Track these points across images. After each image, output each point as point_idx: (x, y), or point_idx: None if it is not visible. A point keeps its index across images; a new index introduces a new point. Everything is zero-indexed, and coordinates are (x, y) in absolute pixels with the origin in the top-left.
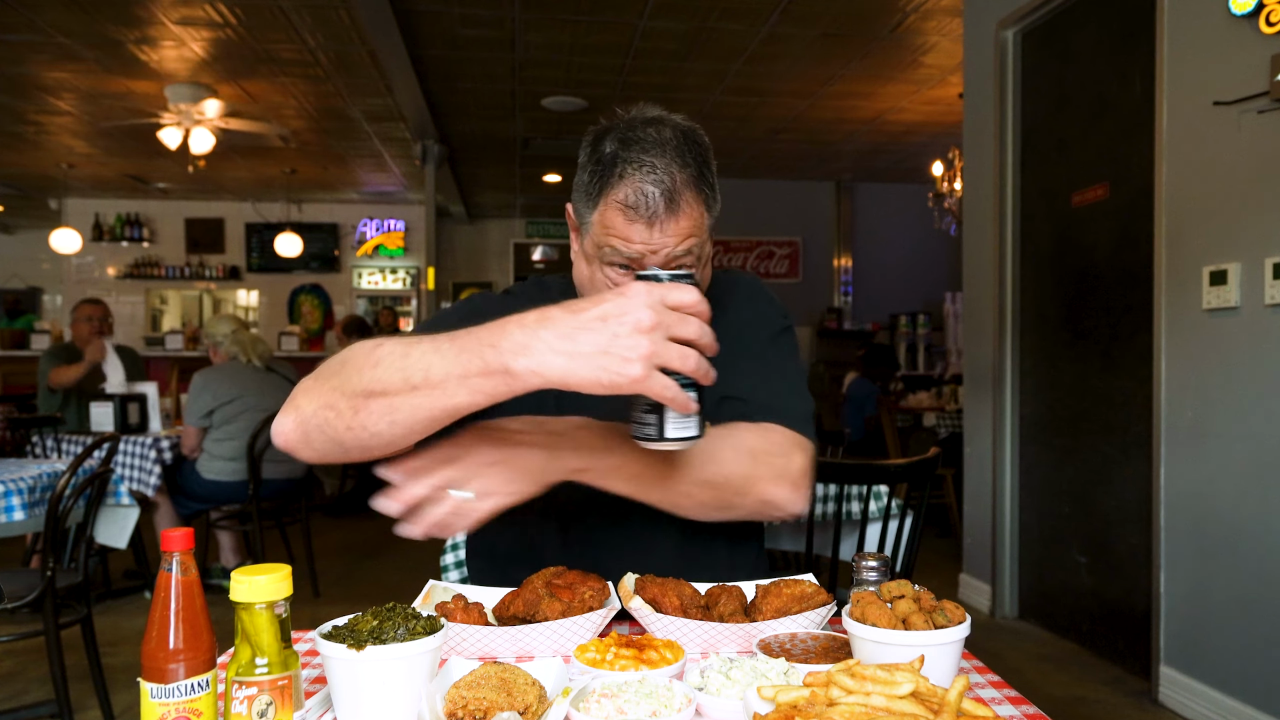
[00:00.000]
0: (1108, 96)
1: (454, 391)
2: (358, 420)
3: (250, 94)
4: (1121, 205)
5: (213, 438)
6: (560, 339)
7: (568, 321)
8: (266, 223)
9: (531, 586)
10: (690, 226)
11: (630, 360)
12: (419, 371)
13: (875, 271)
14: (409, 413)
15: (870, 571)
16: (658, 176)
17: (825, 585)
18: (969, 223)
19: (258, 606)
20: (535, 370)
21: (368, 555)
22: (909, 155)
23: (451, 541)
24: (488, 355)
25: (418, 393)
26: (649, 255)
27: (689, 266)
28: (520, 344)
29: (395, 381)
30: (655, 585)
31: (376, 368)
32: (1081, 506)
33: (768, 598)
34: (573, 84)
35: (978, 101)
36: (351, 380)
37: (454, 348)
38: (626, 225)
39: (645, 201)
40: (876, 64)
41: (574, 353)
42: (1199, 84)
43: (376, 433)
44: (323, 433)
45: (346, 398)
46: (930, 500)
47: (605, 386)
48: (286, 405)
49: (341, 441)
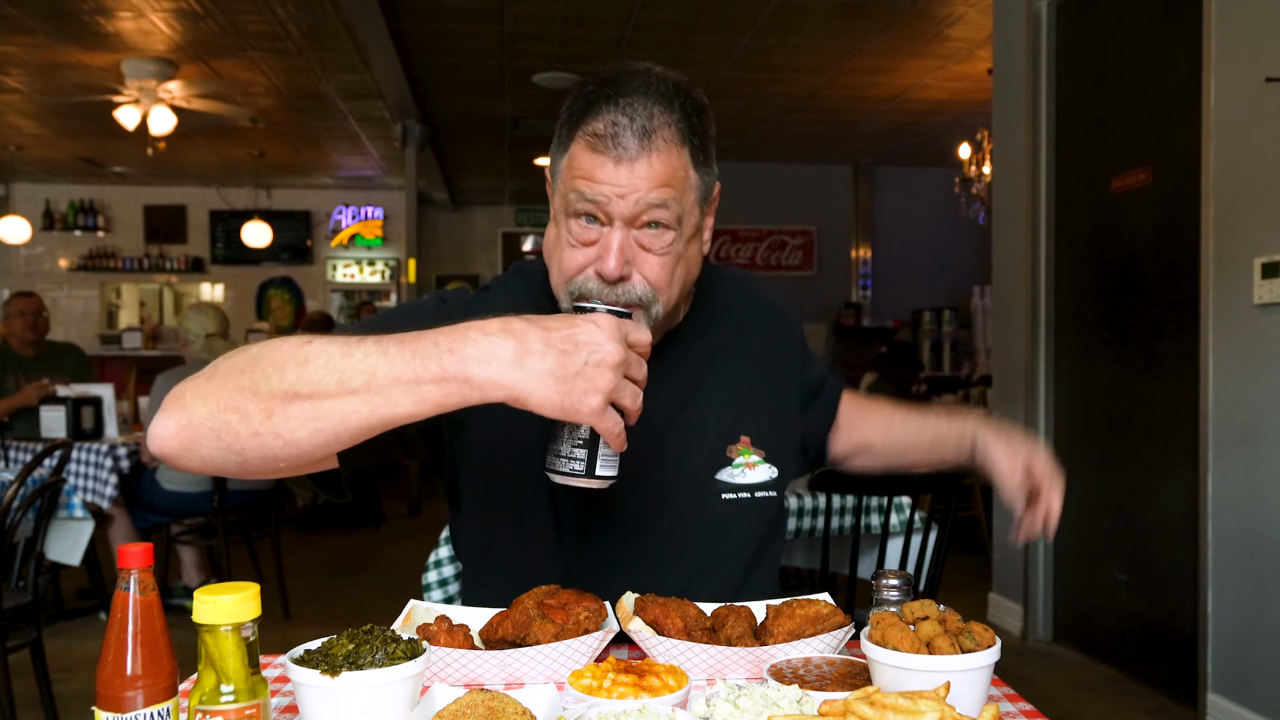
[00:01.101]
0: (1150, 72)
1: (397, 399)
2: (270, 426)
3: (215, 70)
4: (1165, 191)
5: None
6: (527, 355)
7: (536, 337)
8: (233, 210)
9: (521, 607)
10: (666, 173)
11: (593, 393)
12: (361, 374)
13: (896, 263)
14: (338, 420)
15: (891, 591)
16: (634, 110)
17: (842, 605)
18: (999, 210)
19: (223, 629)
20: (497, 382)
21: (343, 573)
22: (934, 136)
23: (434, 559)
24: (446, 361)
25: (354, 397)
26: (615, 201)
27: (665, 225)
28: (485, 352)
29: (329, 384)
30: (657, 606)
31: (305, 366)
32: (1122, 520)
33: (779, 619)
34: (566, 59)
35: (1008, 77)
36: (269, 380)
37: (404, 351)
38: (593, 161)
39: (615, 133)
40: (898, 36)
41: (540, 372)
42: (1250, 58)
43: (292, 441)
44: (218, 439)
45: (259, 399)
46: (957, 513)
47: (562, 411)
48: (168, 405)
49: (241, 451)
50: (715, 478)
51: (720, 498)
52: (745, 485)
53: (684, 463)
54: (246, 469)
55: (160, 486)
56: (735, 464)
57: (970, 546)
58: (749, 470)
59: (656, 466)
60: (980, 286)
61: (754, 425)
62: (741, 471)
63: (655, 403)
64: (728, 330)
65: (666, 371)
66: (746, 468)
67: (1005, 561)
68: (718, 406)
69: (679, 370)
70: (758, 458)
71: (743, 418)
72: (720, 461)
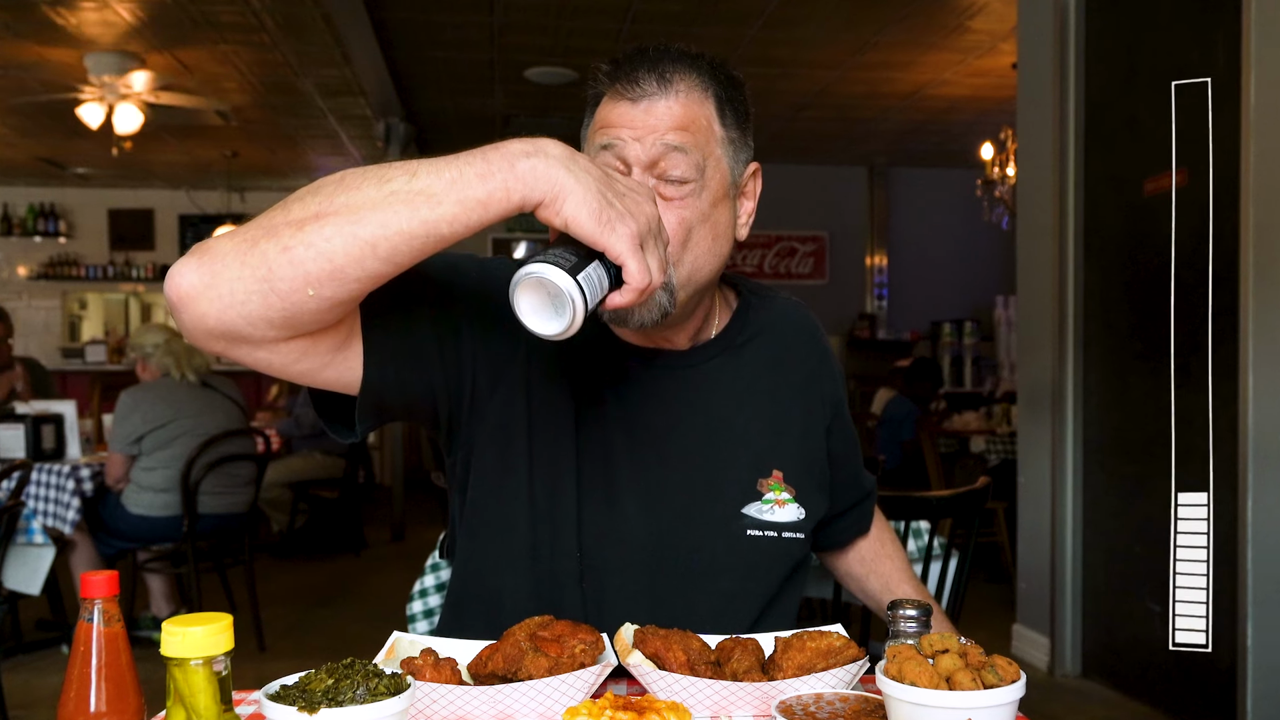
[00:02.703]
0: (1186, 66)
1: (441, 197)
2: (301, 237)
3: (184, 64)
4: (1202, 193)
5: (142, 466)
6: (574, 159)
7: (583, 156)
8: (204, 215)
9: (513, 639)
10: (686, 116)
11: (632, 218)
12: (402, 176)
13: (914, 271)
14: (377, 226)
15: (909, 622)
16: (657, 60)
17: (856, 637)
18: (1024, 214)
19: (193, 663)
20: (541, 173)
21: (322, 602)
22: (954, 136)
23: (419, 588)
24: (490, 156)
25: (394, 200)
26: (631, 144)
27: (684, 177)
28: (533, 146)
29: (366, 190)
30: (658, 638)
31: (341, 182)
32: (1155, 546)
33: (789, 652)
34: (561, 52)
35: (1034, 72)
36: (303, 202)
37: (446, 159)
38: (612, 109)
39: (636, 78)
40: (916, 28)
41: (586, 177)
42: None
43: (326, 252)
44: (243, 263)
45: (290, 220)
46: (979, 539)
47: (597, 222)
48: (193, 249)
49: (269, 272)
50: (742, 511)
51: (746, 534)
52: (773, 524)
53: (711, 489)
54: (272, 300)
55: (126, 510)
56: (765, 499)
57: (993, 574)
58: (778, 508)
59: (679, 491)
60: (1004, 296)
61: (788, 461)
62: (770, 509)
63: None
64: (771, 354)
65: (701, 387)
66: (776, 505)
67: (1031, 591)
68: (753, 435)
69: (714, 388)
70: (789, 495)
71: (777, 452)
72: (750, 494)
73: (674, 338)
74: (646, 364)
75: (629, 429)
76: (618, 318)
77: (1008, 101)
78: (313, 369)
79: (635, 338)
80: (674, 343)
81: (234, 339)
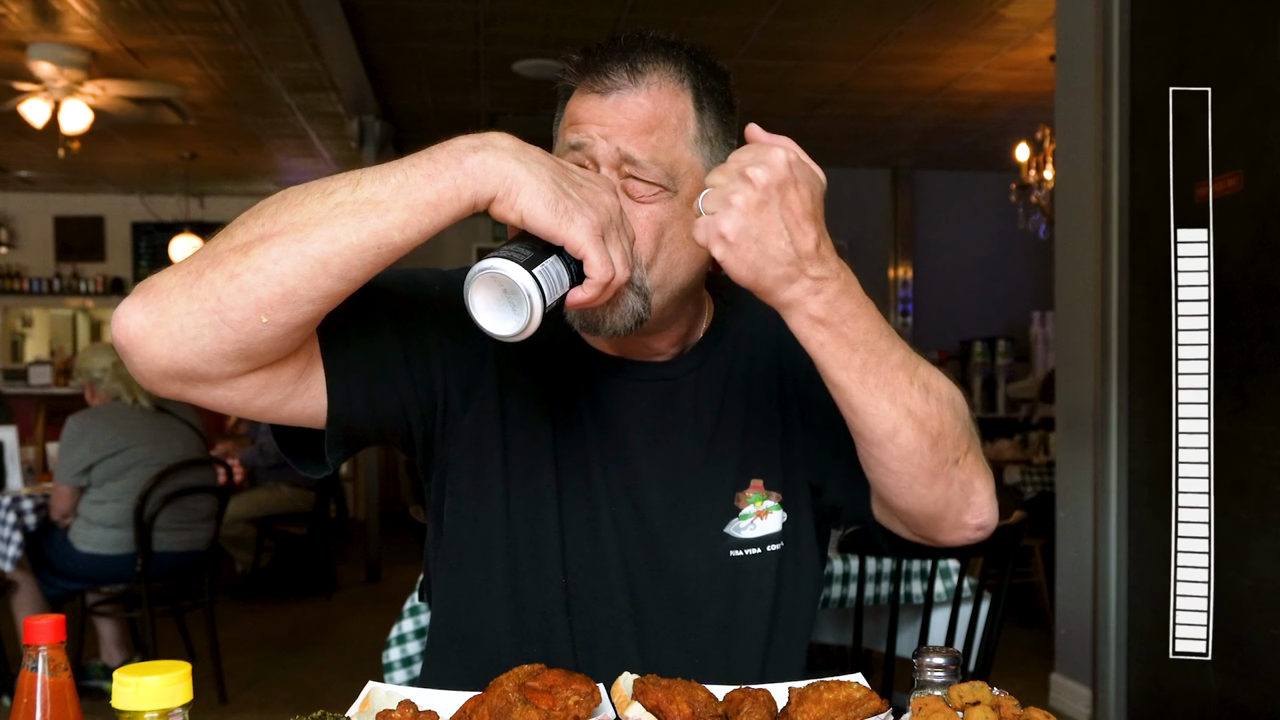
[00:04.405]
0: (1242, 59)
1: (388, 204)
2: (248, 263)
3: (138, 56)
4: (1259, 199)
5: (91, 499)
6: (526, 150)
7: (537, 150)
8: (159, 222)
9: (500, 690)
10: (655, 114)
11: (590, 208)
12: (345, 187)
13: (943, 284)
14: (325, 243)
15: (936, 671)
16: (630, 51)
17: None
18: (1063, 222)
19: (148, 715)
20: (491, 167)
21: (289, 649)
22: (986, 135)
23: (397, 633)
24: (437, 155)
25: (340, 213)
26: (599, 142)
27: (654, 179)
28: (481, 140)
29: (310, 206)
30: (659, 689)
31: (282, 200)
32: None
33: (804, 704)
34: (553, 43)
35: (1074, 65)
36: (245, 227)
37: (391, 163)
38: (580, 103)
39: (606, 70)
40: (944, 17)
41: (539, 168)
42: None
43: (275, 276)
44: (190, 297)
45: (234, 247)
46: (1013, 579)
47: (553, 213)
48: (139, 287)
49: (219, 301)
50: (724, 531)
51: (729, 555)
52: (755, 539)
53: (692, 512)
54: (225, 333)
55: (74, 548)
56: (744, 514)
57: (1029, 618)
58: (759, 520)
59: (660, 514)
60: (1040, 313)
61: (770, 468)
62: (751, 523)
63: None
64: (745, 359)
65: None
66: (758, 517)
67: (1070, 637)
68: (731, 448)
69: (691, 401)
70: (772, 503)
71: (756, 460)
72: (729, 513)
73: (656, 346)
74: (624, 375)
75: (604, 447)
76: (590, 325)
77: (1045, 97)
78: (275, 403)
79: (612, 347)
80: (657, 352)
81: (189, 378)
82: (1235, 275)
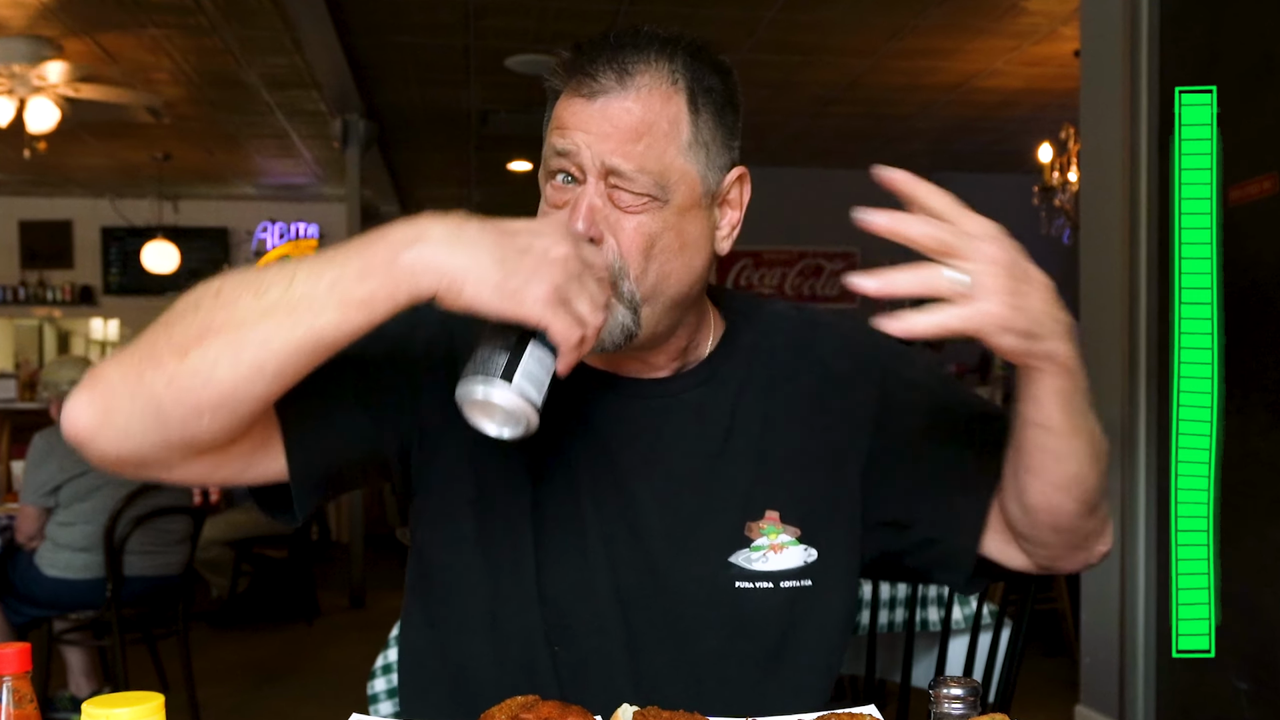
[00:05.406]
0: (1276, 55)
1: (321, 305)
2: (185, 366)
3: (108, 51)
4: None
5: (58, 521)
6: (461, 232)
7: (473, 225)
8: (131, 227)
9: None
10: (645, 120)
11: (540, 279)
12: (278, 287)
13: None
14: (259, 345)
15: (954, 703)
16: (621, 49)
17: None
18: (1088, 227)
19: None
20: (427, 262)
21: (268, 679)
22: (1007, 135)
23: (382, 662)
24: (368, 253)
25: (274, 313)
26: (584, 150)
27: (645, 190)
28: (414, 233)
29: (244, 305)
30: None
31: (218, 295)
32: (1242, 614)
33: None
34: (547, 38)
35: (1100, 61)
36: (183, 321)
37: (325, 256)
38: (567, 106)
39: (593, 71)
40: (962, 10)
41: (478, 249)
42: None
43: (212, 380)
44: (133, 397)
45: (172, 345)
46: (1036, 606)
47: (501, 296)
48: (84, 380)
49: (159, 405)
50: (730, 560)
51: (733, 585)
52: (766, 573)
53: (692, 537)
54: (168, 431)
55: (40, 572)
56: (755, 545)
57: (1052, 647)
58: (773, 554)
59: (656, 538)
60: None
61: (787, 499)
62: (763, 555)
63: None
64: (762, 377)
65: (680, 420)
66: (771, 550)
67: (1096, 666)
68: (741, 473)
69: (695, 421)
70: (789, 538)
71: (771, 490)
72: (738, 541)
73: (651, 361)
74: (617, 392)
75: (594, 467)
76: None
77: (1069, 95)
78: (234, 474)
79: (604, 363)
80: (652, 368)
81: (142, 466)
82: (1271, 282)
